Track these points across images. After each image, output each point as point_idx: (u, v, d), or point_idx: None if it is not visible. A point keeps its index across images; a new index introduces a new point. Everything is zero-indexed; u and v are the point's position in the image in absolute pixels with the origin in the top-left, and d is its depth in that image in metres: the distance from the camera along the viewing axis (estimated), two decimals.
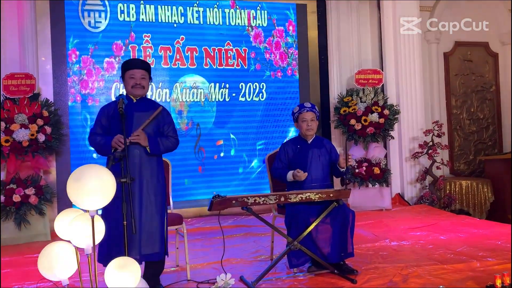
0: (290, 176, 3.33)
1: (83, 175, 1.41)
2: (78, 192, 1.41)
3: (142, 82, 2.90)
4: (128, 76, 2.89)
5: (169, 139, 2.96)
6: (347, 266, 3.17)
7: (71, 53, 5.15)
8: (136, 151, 2.81)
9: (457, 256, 3.52)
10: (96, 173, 1.43)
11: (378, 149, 5.70)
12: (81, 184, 1.40)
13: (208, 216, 5.16)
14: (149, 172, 2.85)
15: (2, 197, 4.35)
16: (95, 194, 1.40)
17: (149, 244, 2.80)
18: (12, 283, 3.26)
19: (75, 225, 1.49)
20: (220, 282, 1.63)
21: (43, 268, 1.61)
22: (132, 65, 2.91)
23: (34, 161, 4.57)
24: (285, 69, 5.97)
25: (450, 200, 5.72)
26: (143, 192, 2.81)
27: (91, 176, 1.41)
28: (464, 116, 6.69)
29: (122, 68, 2.95)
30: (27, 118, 4.50)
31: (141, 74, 2.90)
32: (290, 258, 3.11)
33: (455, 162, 6.60)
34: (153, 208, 2.84)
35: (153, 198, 2.85)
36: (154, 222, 2.84)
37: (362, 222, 4.78)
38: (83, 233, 1.48)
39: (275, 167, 3.47)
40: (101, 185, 1.41)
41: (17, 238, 4.40)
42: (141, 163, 2.83)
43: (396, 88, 5.99)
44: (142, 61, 3.02)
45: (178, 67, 5.51)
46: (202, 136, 5.60)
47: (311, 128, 3.42)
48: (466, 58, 6.67)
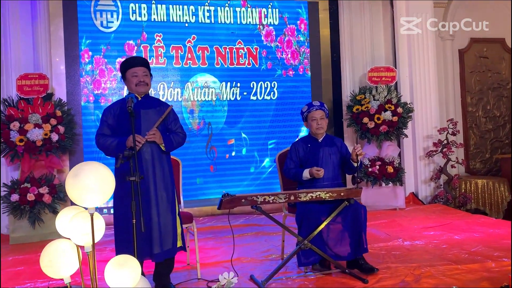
0: (306, 174, 3.28)
1: (81, 172, 1.40)
2: (76, 189, 1.41)
3: (145, 79, 2.91)
4: (130, 75, 2.90)
5: (178, 135, 3.00)
6: (367, 264, 3.12)
7: (83, 53, 5.20)
8: (148, 149, 2.83)
9: (471, 256, 3.45)
10: (94, 169, 1.42)
11: (392, 147, 5.63)
12: (79, 180, 1.39)
13: (219, 215, 5.16)
14: (161, 170, 2.87)
15: (17, 195, 4.41)
16: (93, 191, 1.40)
17: (167, 240, 2.83)
18: (25, 281, 3.31)
19: (75, 222, 1.49)
20: (222, 280, 1.61)
21: (45, 266, 1.61)
22: (133, 63, 2.92)
23: (47, 161, 4.62)
24: (296, 67, 5.93)
25: (465, 199, 5.63)
26: (157, 189, 2.84)
27: (89, 172, 1.40)
28: (480, 114, 6.57)
29: (122, 67, 2.95)
30: (40, 118, 4.55)
31: (142, 71, 2.91)
32: (299, 257, 3.09)
33: (471, 160, 6.49)
34: (166, 205, 2.86)
35: (165, 195, 2.87)
36: (168, 218, 2.86)
37: (375, 221, 4.72)
38: (83, 230, 1.47)
39: (288, 167, 3.43)
40: (99, 182, 1.40)
41: (31, 236, 4.46)
42: (153, 161, 2.84)
43: (409, 86, 5.91)
44: (142, 58, 3.07)
45: (190, 66, 5.53)
46: (214, 136, 5.60)
47: (321, 127, 3.39)
48: (481, 55, 6.55)
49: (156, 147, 2.86)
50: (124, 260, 1.48)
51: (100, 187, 1.40)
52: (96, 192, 1.40)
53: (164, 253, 2.84)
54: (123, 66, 2.94)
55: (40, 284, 3.21)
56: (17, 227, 4.50)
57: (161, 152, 2.89)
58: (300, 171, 3.33)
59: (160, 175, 2.86)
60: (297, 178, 3.36)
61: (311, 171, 3.26)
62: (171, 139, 2.92)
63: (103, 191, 1.41)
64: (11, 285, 3.22)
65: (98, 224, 1.52)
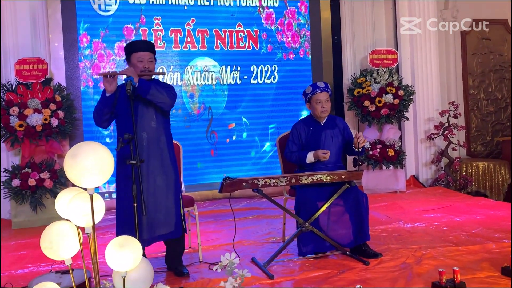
0: (311, 157, 3.24)
1: (80, 152, 1.38)
2: (75, 170, 1.39)
3: (150, 66, 2.86)
4: (135, 59, 2.83)
5: (163, 87, 2.84)
6: (370, 250, 3.12)
7: (82, 38, 5.15)
8: (144, 134, 2.81)
9: (472, 237, 3.46)
10: (93, 150, 1.40)
11: (393, 130, 5.61)
12: (77, 161, 1.38)
13: (221, 199, 5.17)
14: (158, 154, 2.85)
15: (18, 181, 4.41)
16: (92, 171, 1.38)
17: (166, 224, 2.84)
18: (28, 264, 3.33)
19: (74, 203, 1.48)
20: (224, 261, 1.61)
21: (45, 247, 1.61)
22: (139, 48, 2.85)
23: (48, 146, 4.61)
24: (297, 50, 5.88)
25: (466, 182, 5.63)
26: (154, 174, 2.82)
27: (88, 153, 1.38)
28: (481, 96, 6.53)
29: (127, 50, 2.89)
30: (40, 103, 4.53)
31: (148, 57, 2.85)
32: (299, 246, 3.09)
33: (472, 143, 6.47)
34: (166, 189, 2.85)
35: (165, 178, 2.86)
36: (169, 202, 2.86)
37: (376, 204, 4.73)
38: (82, 211, 1.46)
39: (290, 150, 3.38)
40: (98, 162, 1.38)
41: (33, 221, 4.48)
42: (148, 146, 2.82)
43: (411, 68, 5.86)
44: (149, 43, 2.97)
45: (189, 50, 5.47)
46: (214, 120, 5.57)
47: (326, 110, 3.33)
48: (484, 37, 6.48)
49: (152, 132, 2.83)
50: (125, 241, 1.47)
51: (99, 168, 1.38)
52: (95, 172, 1.38)
53: (158, 237, 2.84)
54: (129, 48, 2.88)
55: (43, 267, 3.23)
56: (19, 212, 4.52)
57: (158, 135, 2.85)
58: (304, 154, 3.29)
59: (157, 160, 2.84)
60: (300, 161, 3.31)
61: (316, 154, 3.22)
62: (149, 84, 2.74)
63: (102, 171, 1.39)
64: (14, 269, 3.24)
65: (98, 205, 1.51)
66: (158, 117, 2.88)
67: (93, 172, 1.38)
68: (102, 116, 2.82)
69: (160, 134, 2.88)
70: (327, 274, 2.85)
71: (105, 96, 2.75)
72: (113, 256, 1.45)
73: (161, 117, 2.90)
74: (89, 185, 1.43)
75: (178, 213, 2.89)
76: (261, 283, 2.75)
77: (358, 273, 2.84)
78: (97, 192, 1.53)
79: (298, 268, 2.98)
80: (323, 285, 2.68)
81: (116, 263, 1.46)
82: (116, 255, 1.45)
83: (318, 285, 2.69)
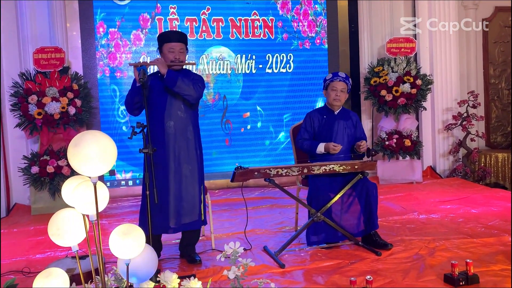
0: (321, 149, 3.23)
1: (82, 141, 1.40)
2: (77, 158, 1.41)
3: (181, 57, 2.90)
4: (166, 50, 2.88)
5: (190, 80, 2.87)
6: (381, 240, 3.11)
7: (98, 27, 5.19)
8: (171, 123, 2.86)
9: (488, 229, 3.41)
10: (95, 139, 1.41)
11: (410, 120, 5.52)
12: (79, 149, 1.40)
13: (234, 188, 5.20)
14: (184, 143, 2.90)
15: (37, 168, 4.51)
16: (94, 160, 1.40)
17: (188, 213, 2.90)
18: (45, 249, 3.42)
19: (78, 191, 1.50)
20: (228, 250, 1.63)
21: (52, 234, 1.65)
22: (171, 38, 2.89)
23: (65, 133, 4.70)
24: (313, 38, 5.82)
25: (485, 173, 5.53)
26: (180, 162, 2.87)
27: (90, 142, 1.40)
28: (502, 86, 6.36)
29: (159, 40, 2.93)
30: (57, 92, 4.60)
31: (179, 48, 2.89)
32: (308, 236, 3.09)
33: (492, 134, 6.33)
34: (190, 178, 2.90)
35: (190, 167, 2.91)
36: (192, 191, 2.91)
37: (391, 195, 4.70)
38: (86, 199, 1.49)
39: (301, 138, 3.37)
40: (100, 151, 1.40)
41: (51, 207, 4.57)
42: (175, 135, 2.86)
43: (429, 57, 5.75)
44: (181, 34, 2.99)
45: (204, 38, 5.47)
46: (229, 108, 5.58)
47: (338, 99, 3.31)
48: (506, 25, 6.29)
49: (180, 120, 2.86)
50: (128, 229, 1.50)
51: (101, 157, 1.40)
52: (97, 161, 1.40)
53: (183, 225, 2.91)
54: (161, 38, 2.93)
55: (60, 253, 3.32)
56: (38, 199, 4.62)
57: (186, 125, 2.89)
58: (315, 143, 3.27)
59: (183, 149, 2.88)
60: (311, 150, 3.30)
61: (327, 146, 3.21)
62: (177, 75, 2.81)
63: (104, 160, 1.41)
64: (33, 254, 3.34)
65: (101, 194, 1.54)
66: (186, 108, 2.92)
67: (95, 161, 1.40)
68: (133, 105, 2.90)
69: (188, 124, 2.92)
70: (338, 264, 2.85)
71: (135, 85, 2.80)
72: (117, 244, 1.48)
73: (188, 108, 2.94)
74: (92, 173, 1.45)
75: (200, 204, 2.94)
76: (272, 272, 2.77)
77: (369, 264, 2.83)
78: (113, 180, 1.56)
79: (309, 258, 2.98)
80: (334, 275, 2.68)
81: (119, 250, 1.49)
82: (120, 243, 1.48)
83: (328, 275, 2.69)
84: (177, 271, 2.74)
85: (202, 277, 2.65)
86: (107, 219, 4.19)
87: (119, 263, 1.59)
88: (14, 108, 4.57)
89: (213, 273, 2.77)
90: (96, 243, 1.55)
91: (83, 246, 2.14)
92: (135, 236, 1.46)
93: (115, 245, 1.49)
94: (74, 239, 1.63)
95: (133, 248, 1.46)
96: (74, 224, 1.60)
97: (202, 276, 2.69)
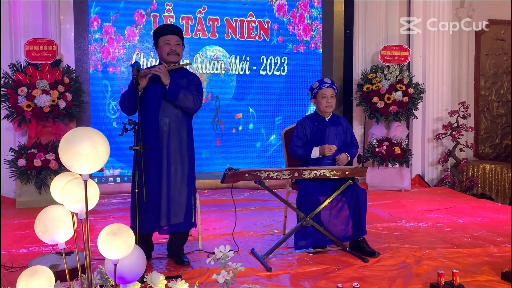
0: (316, 153, 3.24)
1: (74, 138, 1.37)
2: (69, 155, 1.38)
3: (177, 49, 2.88)
4: (162, 43, 2.86)
5: (191, 93, 2.86)
6: (369, 248, 3.11)
7: (92, 21, 5.13)
8: (166, 119, 2.84)
9: (474, 240, 3.44)
10: (88, 136, 1.38)
11: (400, 128, 5.56)
12: (71, 146, 1.36)
13: (224, 189, 5.18)
14: (177, 142, 2.87)
15: (24, 161, 4.44)
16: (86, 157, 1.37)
17: (179, 215, 2.87)
18: (30, 244, 3.36)
19: (67, 189, 1.47)
20: (218, 253, 1.61)
21: (39, 231, 1.62)
22: (166, 31, 2.88)
23: (54, 127, 4.63)
24: (308, 42, 5.83)
25: (472, 184, 5.58)
26: (171, 161, 2.85)
27: (82, 139, 1.37)
28: (492, 98, 6.44)
29: (155, 34, 2.92)
30: (48, 84, 4.54)
31: (175, 40, 2.87)
32: (296, 239, 3.09)
33: (480, 145, 6.40)
34: (181, 178, 2.87)
35: (181, 167, 2.88)
36: (183, 191, 2.88)
37: (379, 201, 4.72)
38: (75, 197, 1.46)
39: (295, 145, 3.37)
40: (93, 148, 1.37)
41: (37, 201, 4.51)
42: (169, 132, 2.84)
43: (422, 66, 5.80)
44: (175, 27, 2.98)
45: (199, 37, 5.44)
46: (221, 109, 5.56)
47: (330, 105, 3.32)
48: (499, 37, 6.37)
49: (174, 118, 2.84)
50: (117, 229, 1.47)
51: (94, 154, 1.37)
52: (89, 159, 1.37)
53: (173, 226, 2.88)
54: (156, 33, 2.91)
55: (44, 248, 3.26)
56: (23, 192, 4.55)
57: (180, 124, 2.87)
58: (309, 149, 3.28)
59: (176, 147, 2.86)
60: (305, 156, 3.30)
61: (322, 149, 3.22)
62: (179, 86, 2.80)
63: (96, 157, 1.38)
64: (16, 248, 3.28)
65: (92, 192, 1.51)
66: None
67: (88, 159, 1.37)
68: (130, 104, 2.83)
69: (182, 124, 2.90)
70: (325, 270, 2.84)
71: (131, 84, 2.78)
72: (105, 244, 1.45)
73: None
74: (83, 171, 1.42)
75: (189, 206, 2.91)
76: (259, 275, 2.76)
77: (356, 270, 2.83)
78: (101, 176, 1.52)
79: (296, 262, 2.98)
80: (321, 281, 2.67)
81: (107, 250, 1.46)
82: (108, 243, 1.45)
83: (315, 280, 2.69)
84: (163, 272, 2.72)
85: (189, 278, 2.63)
86: (93, 215, 4.13)
87: (107, 263, 1.56)
88: (3, 100, 4.50)
89: (199, 275, 2.74)
90: (84, 242, 1.52)
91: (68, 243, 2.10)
92: (124, 236, 1.44)
93: (103, 245, 1.46)
94: (61, 237, 1.59)
95: (122, 248, 1.43)
96: (62, 222, 1.57)
97: (189, 277, 2.67)
